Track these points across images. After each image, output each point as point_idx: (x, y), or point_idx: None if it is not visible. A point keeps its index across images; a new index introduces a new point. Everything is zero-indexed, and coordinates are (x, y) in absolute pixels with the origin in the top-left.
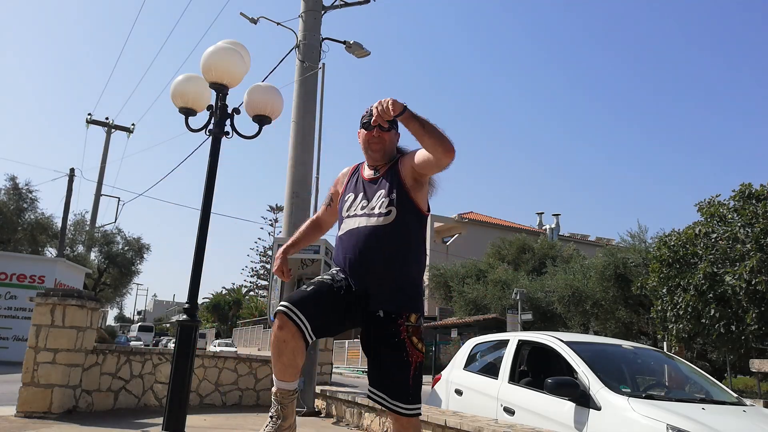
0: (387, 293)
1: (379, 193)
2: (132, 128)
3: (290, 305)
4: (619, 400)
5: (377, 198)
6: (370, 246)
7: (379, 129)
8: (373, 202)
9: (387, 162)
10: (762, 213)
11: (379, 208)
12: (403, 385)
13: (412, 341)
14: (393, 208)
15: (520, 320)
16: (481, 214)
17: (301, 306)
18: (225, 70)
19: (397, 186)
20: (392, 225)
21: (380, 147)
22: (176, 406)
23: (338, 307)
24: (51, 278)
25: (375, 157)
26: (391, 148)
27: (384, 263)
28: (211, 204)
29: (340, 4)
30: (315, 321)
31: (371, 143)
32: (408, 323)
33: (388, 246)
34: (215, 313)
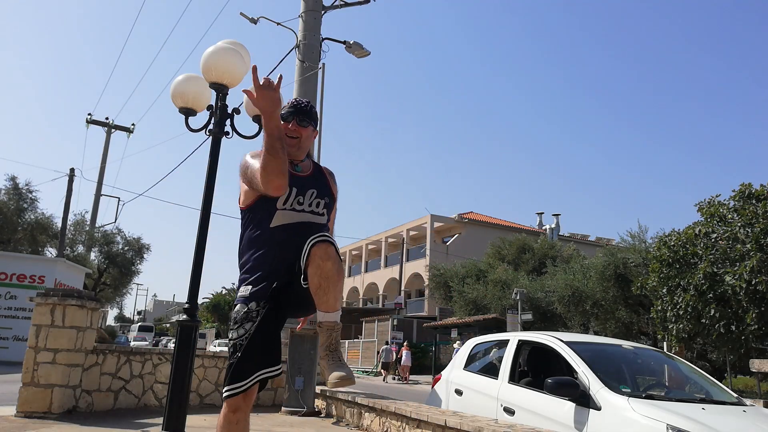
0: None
1: (311, 192)
2: (132, 128)
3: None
4: (619, 400)
5: (311, 197)
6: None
7: (297, 123)
8: (307, 199)
9: (302, 159)
10: (762, 213)
11: (317, 207)
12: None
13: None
14: (326, 211)
15: (520, 320)
16: (481, 214)
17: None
18: (225, 70)
19: (329, 195)
20: (324, 226)
21: (297, 142)
22: (176, 406)
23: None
24: (51, 278)
25: (291, 151)
26: (306, 144)
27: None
28: (211, 204)
29: (340, 4)
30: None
31: (289, 136)
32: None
33: None
34: (215, 313)
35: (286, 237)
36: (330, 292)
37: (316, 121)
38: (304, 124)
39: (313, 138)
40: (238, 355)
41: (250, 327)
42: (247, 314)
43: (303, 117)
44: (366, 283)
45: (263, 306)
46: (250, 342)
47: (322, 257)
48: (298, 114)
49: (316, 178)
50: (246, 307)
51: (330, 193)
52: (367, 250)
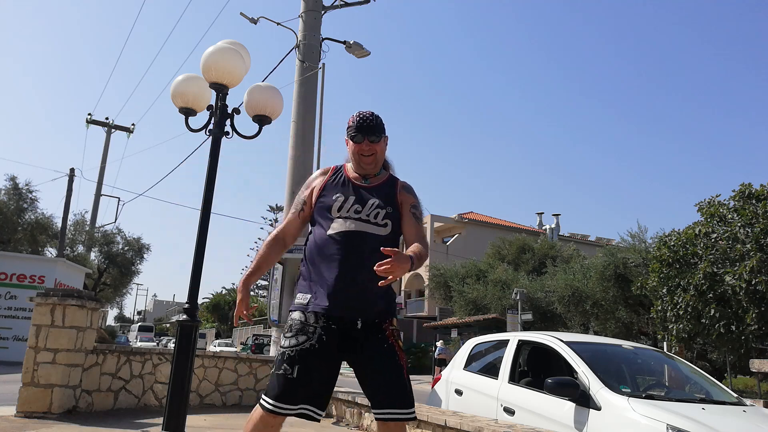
0: (373, 299)
1: (372, 202)
2: (132, 128)
3: (278, 403)
4: (619, 400)
5: (371, 207)
6: (368, 250)
7: (369, 141)
8: (366, 209)
9: (377, 172)
10: (762, 213)
11: (375, 218)
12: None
13: (399, 344)
14: (389, 221)
15: (520, 320)
16: (481, 214)
17: (292, 398)
18: (225, 70)
19: (393, 204)
20: (388, 237)
21: (373, 159)
22: (176, 406)
23: (327, 366)
24: (51, 278)
25: (367, 169)
26: (381, 157)
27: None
28: (211, 204)
29: (340, 4)
30: (314, 400)
31: (363, 155)
32: (392, 327)
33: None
34: (215, 313)
35: (344, 245)
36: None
37: (385, 131)
38: (375, 140)
39: (386, 147)
40: (286, 367)
41: (304, 341)
42: (303, 326)
43: (372, 133)
44: None
45: (322, 327)
46: (302, 361)
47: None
48: (367, 132)
49: (385, 189)
50: (304, 317)
51: (393, 203)
52: None
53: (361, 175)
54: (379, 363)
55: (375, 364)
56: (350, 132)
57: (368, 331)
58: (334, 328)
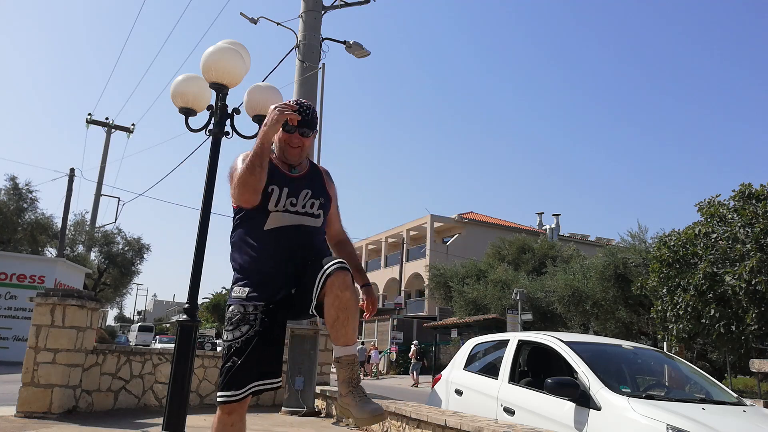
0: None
1: (306, 192)
2: (132, 128)
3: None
4: (619, 400)
5: (305, 197)
6: (305, 244)
7: (299, 134)
8: (301, 201)
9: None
10: (762, 213)
11: (311, 208)
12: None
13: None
14: (321, 212)
15: (520, 320)
16: (481, 214)
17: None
18: (225, 70)
19: (325, 195)
20: (320, 228)
21: (298, 152)
22: (176, 406)
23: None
24: (51, 278)
25: (291, 160)
26: (307, 151)
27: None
28: (211, 204)
29: (340, 4)
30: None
31: (291, 146)
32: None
33: (317, 245)
34: (215, 313)
35: (280, 240)
36: (348, 324)
37: (317, 126)
38: (306, 134)
39: (313, 141)
40: (234, 359)
41: (247, 330)
42: (244, 317)
43: (306, 127)
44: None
45: (262, 311)
46: (247, 348)
47: (340, 287)
48: (302, 126)
49: (311, 178)
50: (243, 308)
51: (325, 193)
52: (367, 250)
53: (285, 163)
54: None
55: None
56: (284, 125)
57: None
58: (272, 307)
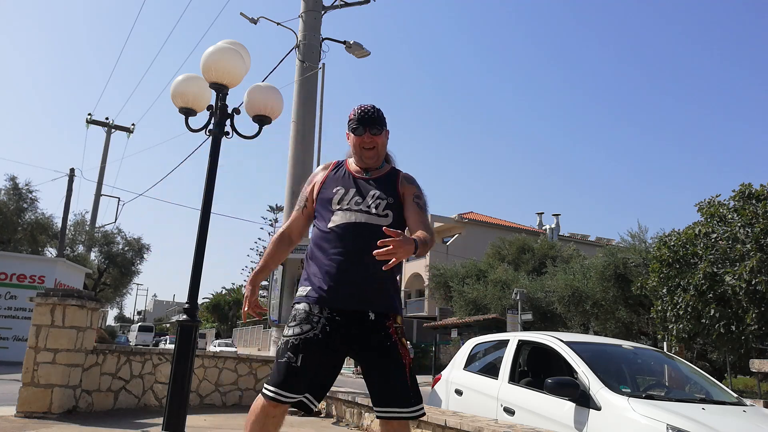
0: (377, 292)
1: (374, 193)
2: (132, 128)
3: (280, 390)
4: (619, 400)
5: (372, 197)
6: (369, 242)
7: (370, 134)
8: (368, 200)
9: (379, 165)
10: (762, 213)
11: (376, 209)
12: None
13: (402, 342)
14: (390, 212)
15: (520, 320)
16: (481, 214)
17: (295, 386)
18: (225, 70)
19: (394, 195)
20: (389, 227)
21: (374, 153)
22: (176, 406)
23: (329, 358)
24: (51, 278)
25: (369, 162)
26: (383, 150)
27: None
28: (211, 204)
29: (340, 4)
30: (314, 390)
31: (365, 148)
32: (396, 324)
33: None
34: (215, 313)
35: (344, 238)
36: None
37: (386, 124)
38: (376, 132)
39: (387, 141)
40: (290, 355)
41: (308, 330)
42: (308, 316)
43: (374, 125)
44: None
45: (327, 318)
46: (305, 349)
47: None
48: (369, 124)
49: (384, 181)
50: (308, 308)
51: (395, 194)
52: None
53: (362, 168)
54: (380, 361)
55: (377, 362)
56: (351, 125)
57: (371, 327)
58: (338, 319)
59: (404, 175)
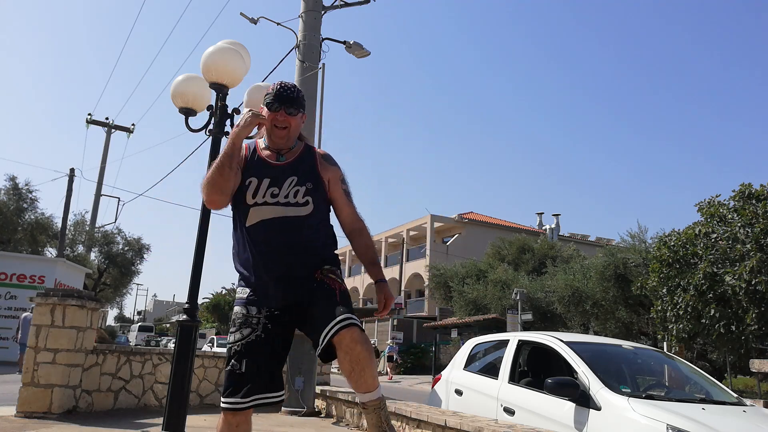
0: (304, 278)
1: (291, 180)
2: (132, 128)
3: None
4: (619, 400)
5: (289, 185)
6: (290, 235)
7: (285, 112)
8: (284, 189)
9: (291, 146)
10: (762, 213)
11: (295, 197)
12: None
13: (329, 277)
14: (309, 198)
15: (520, 320)
16: (481, 214)
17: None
18: (225, 70)
19: (314, 179)
20: (309, 216)
21: (285, 133)
22: (176, 406)
23: (278, 350)
24: (51, 278)
25: (278, 142)
26: (295, 134)
27: (303, 252)
28: None
29: (340, 4)
30: (269, 386)
31: (276, 127)
32: (321, 270)
33: (307, 236)
34: (215, 313)
35: (264, 236)
36: (366, 372)
37: (304, 107)
38: (292, 113)
39: (302, 124)
40: (234, 363)
41: (249, 333)
42: (246, 319)
43: (291, 105)
44: (366, 283)
45: (266, 316)
46: (249, 353)
47: (349, 343)
48: (286, 102)
49: (300, 163)
50: (246, 311)
51: (314, 177)
52: None
53: (274, 151)
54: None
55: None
56: (267, 98)
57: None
58: (277, 314)
59: (322, 155)
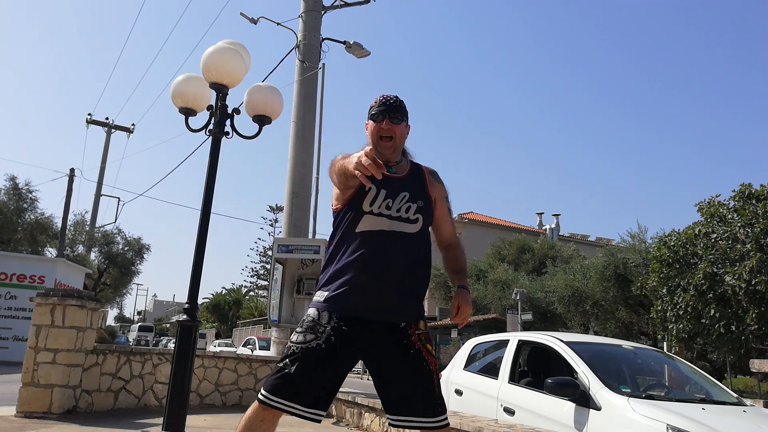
0: (400, 303)
1: (403, 195)
2: (132, 128)
3: (270, 395)
4: (619, 400)
5: (401, 200)
6: (397, 250)
7: (389, 121)
8: (397, 203)
9: (398, 159)
10: (762, 213)
11: (407, 213)
12: (434, 396)
13: (427, 348)
14: (420, 216)
15: (520, 320)
16: (481, 214)
17: (285, 393)
18: (225, 70)
19: (424, 197)
20: (418, 234)
21: (392, 143)
22: (176, 406)
23: (333, 369)
24: (51, 278)
25: (386, 153)
26: (401, 143)
27: (410, 271)
28: (211, 204)
29: (340, 4)
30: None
31: (382, 137)
32: (419, 331)
33: (414, 255)
34: (215, 313)
35: (373, 245)
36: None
37: (408, 116)
38: (396, 121)
39: (407, 134)
40: (287, 363)
41: (311, 340)
42: (315, 324)
43: (395, 114)
44: None
45: (333, 328)
46: (303, 361)
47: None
48: (389, 111)
49: (411, 180)
50: (318, 315)
51: (425, 195)
52: None
53: (383, 162)
54: (401, 368)
55: (398, 370)
56: (371, 110)
57: (392, 335)
58: (345, 329)
59: (429, 171)
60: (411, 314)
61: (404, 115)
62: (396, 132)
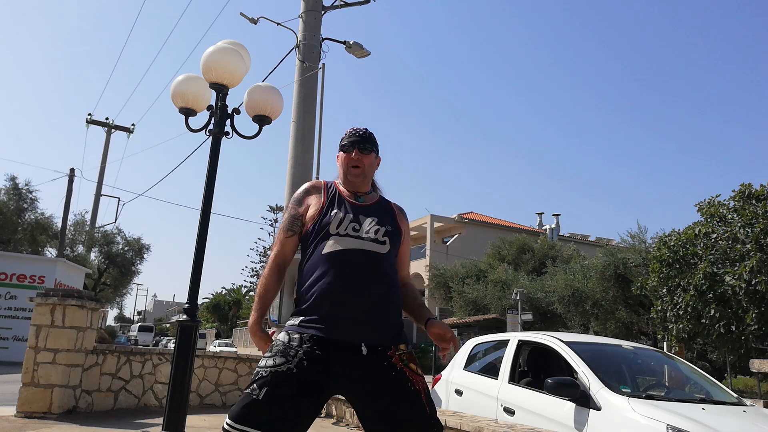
0: (374, 323)
1: (371, 219)
2: (132, 128)
3: (235, 424)
4: (619, 401)
5: (369, 223)
6: (368, 269)
7: (359, 152)
8: (365, 225)
9: (367, 190)
10: (762, 213)
11: (375, 234)
12: (426, 417)
13: (410, 368)
14: (388, 239)
15: (520, 320)
16: (481, 214)
17: (252, 421)
18: (225, 70)
19: (392, 223)
20: (387, 255)
21: (360, 171)
22: (176, 406)
23: (304, 397)
24: (51, 278)
25: (354, 181)
26: (370, 173)
27: (385, 290)
28: (211, 204)
29: (340, 4)
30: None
31: (351, 166)
32: (399, 352)
33: (387, 274)
34: (215, 313)
35: (342, 263)
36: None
37: (377, 148)
38: (365, 152)
39: (377, 166)
40: (254, 388)
41: (282, 364)
42: (285, 348)
43: (364, 144)
44: None
45: (306, 351)
46: (272, 386)
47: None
48: (360, 142)
49: (379, 208)
50: (288, 338)
51: (393, 222)
52: None
53: (351, 192)
54: (386, 398)
55: (381, 400)
56: (341, 142)
57: (367, 360)
58: (318, 353)
59: (398, 207)
60: (388, 334)
61: (374, 146)
62: (365, 162)
